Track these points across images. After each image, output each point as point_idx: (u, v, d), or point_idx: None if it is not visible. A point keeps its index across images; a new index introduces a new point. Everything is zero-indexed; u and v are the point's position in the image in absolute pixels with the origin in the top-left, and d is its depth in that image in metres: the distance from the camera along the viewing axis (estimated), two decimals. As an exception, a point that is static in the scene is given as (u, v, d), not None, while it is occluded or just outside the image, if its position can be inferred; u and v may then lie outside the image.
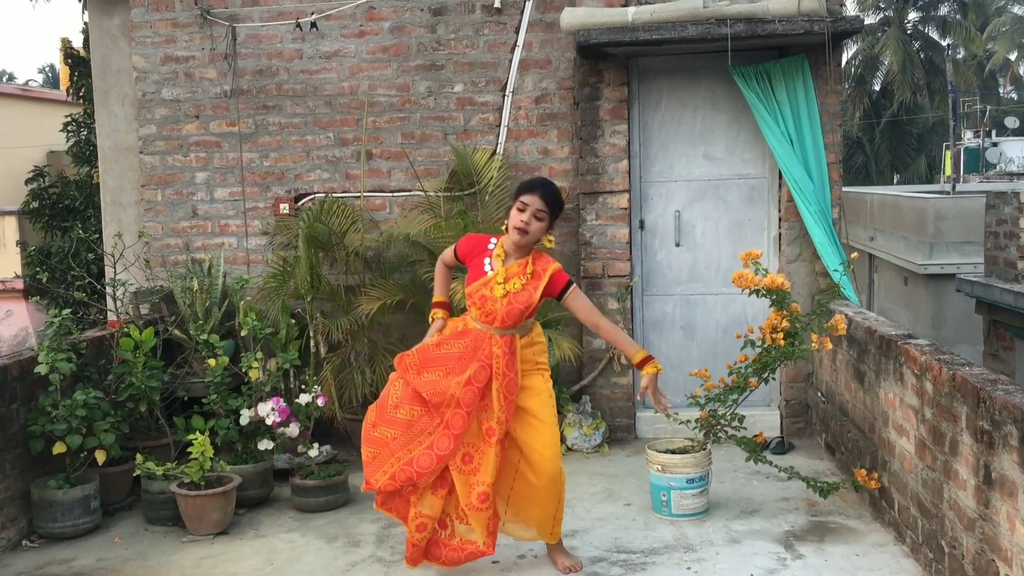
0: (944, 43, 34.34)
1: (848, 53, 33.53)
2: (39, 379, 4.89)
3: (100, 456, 4.96)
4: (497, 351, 3.98)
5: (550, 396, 4.13)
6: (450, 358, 4.03)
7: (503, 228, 4.09)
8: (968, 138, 32.43)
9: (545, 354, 4.21)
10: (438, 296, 4.34)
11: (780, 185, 6.26)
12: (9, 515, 4.75)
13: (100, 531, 4.96)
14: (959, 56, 35.73)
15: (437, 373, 4.02)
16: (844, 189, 6.47)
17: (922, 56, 34.02)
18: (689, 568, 4.28)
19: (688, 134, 6.39)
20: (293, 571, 4.38)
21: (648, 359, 4.05)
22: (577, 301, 4.09)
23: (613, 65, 6.19)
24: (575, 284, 4.12)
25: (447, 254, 4.32)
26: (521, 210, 3.96)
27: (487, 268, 4.05)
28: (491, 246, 4.11)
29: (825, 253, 5.98)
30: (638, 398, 4.03)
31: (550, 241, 4.07)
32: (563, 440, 6.08)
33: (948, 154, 24.06)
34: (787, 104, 6.05)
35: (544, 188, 4.02)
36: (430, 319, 4.30)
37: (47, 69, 50.29)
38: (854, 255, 5.48)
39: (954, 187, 18.01)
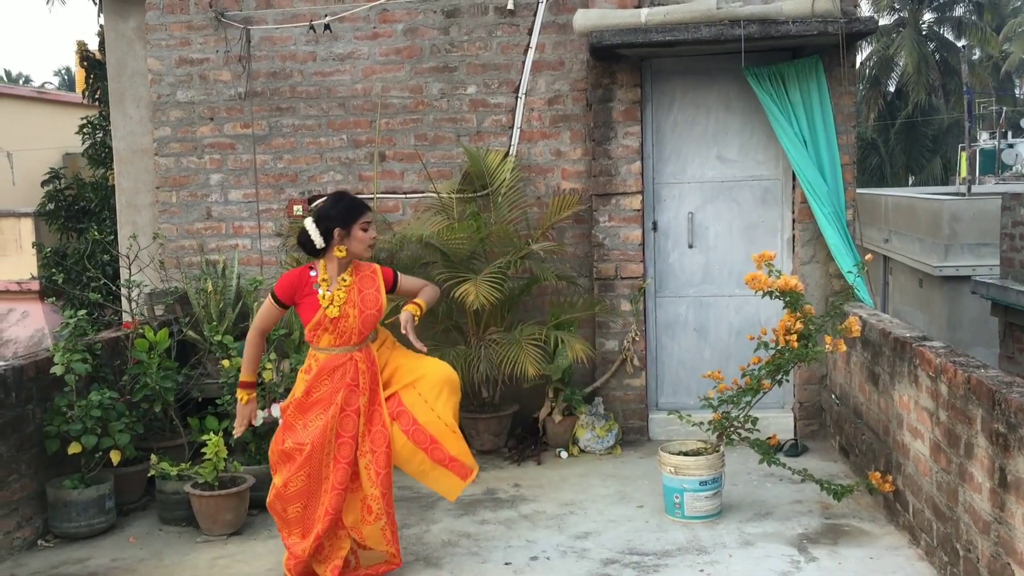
0: (960, 44, 34.16)
1: (863, 54, 33.38)
2: (55, 379, 4.92)
3: (115, 456, 4.99)
4: (362, 366, 4.09)
5: (416, 356, 4.26)
6: (323, 399, 4.07)
7: (338, 251, 4.03)
8: (984, 139, 32.27)
9: (391, 336, 4.32)
10: (247, 375, 4.22)
11: (794, 187, 6.24)
12: (25, 515, 4.78)
13: (115, 531, 4.99)
14: (975, 57, 35.52)
15: (318, 416, 4.06)
16: (858, 191, 6.45)
17: (937, 57, 33.82)
18: (702, 571, 4.26)
19: (701, 135, 6.38)
20: (306, 571, 4.39)
21: (416, 304, 4.20)
22: (407, 280, 4.29)
23: (626, 66, 6.18)
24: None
25: (265, 313, 4.16)
26: (366, 229, 4.09)
27: (321, 297, 4.03)
28: (313, 274, 4.10)
29: (839, 255, 5.96)
30: (402, 331, 4.14)
31: (340, 251, 4.07)
32: (576, 442, 6.08)
33: (963, 155, 23.93)
34: (801, 105, 6.03)
35: (365, 203, 4.18)
36: (240, 399, 4.23)
37: (63, 72, 50.62)
38: (868, 257, 5.46)
39: (970, 188, 17.90)
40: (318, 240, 4.03)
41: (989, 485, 3.55)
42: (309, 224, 4.05)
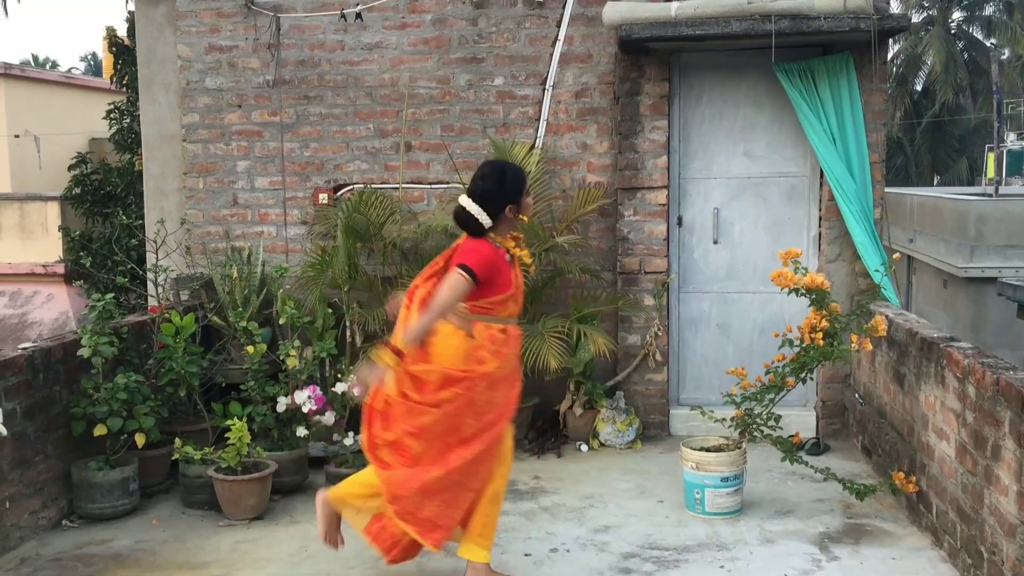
0: (989, 43, 33.77)
1: (890, 52, 33.08)
2: (81, 362, 4.97)
3: (139, 439, 5.03)
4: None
5: None
6: (509, 374, 3.96)
7: (514, 215, 3.89)
8: (1011, 140, 31.88)
9: None
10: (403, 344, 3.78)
11: (821, 184, 6.20)
12: (50, 495, 4.84)
13: (138, 513, 5.04)
14: (1004, 57, 35.11)
15: (505, 391, 3.93)
16: (884, 189, 6.40)
17: (966, 56, 33.45)
18: (722, 567, 4.26)
19: (729, 131, 6.34)
20: (327, 558, 4.42)
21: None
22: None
23: (654, 60, 6.16)
24: None
25: (459, 292, 3.71)
26: (529, 192, 4.03)
27: (508, 261, 3.95)
28: (498, 247, 3.89)
29: (866, 253, 5.92)
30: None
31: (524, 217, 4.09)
32: (596, 435, 6.08)
33: (991, 156, 23.66)
34: (830, 102, 5.98)
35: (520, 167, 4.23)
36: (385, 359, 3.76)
37: (89, 57, 50.92)
38: (896, 256, 5.42)
39: (997, 189, 17.72)
40: (486, 220, 3.82)
41: (1016, 488, 3.52)
42: (471, 205, 3.81)
